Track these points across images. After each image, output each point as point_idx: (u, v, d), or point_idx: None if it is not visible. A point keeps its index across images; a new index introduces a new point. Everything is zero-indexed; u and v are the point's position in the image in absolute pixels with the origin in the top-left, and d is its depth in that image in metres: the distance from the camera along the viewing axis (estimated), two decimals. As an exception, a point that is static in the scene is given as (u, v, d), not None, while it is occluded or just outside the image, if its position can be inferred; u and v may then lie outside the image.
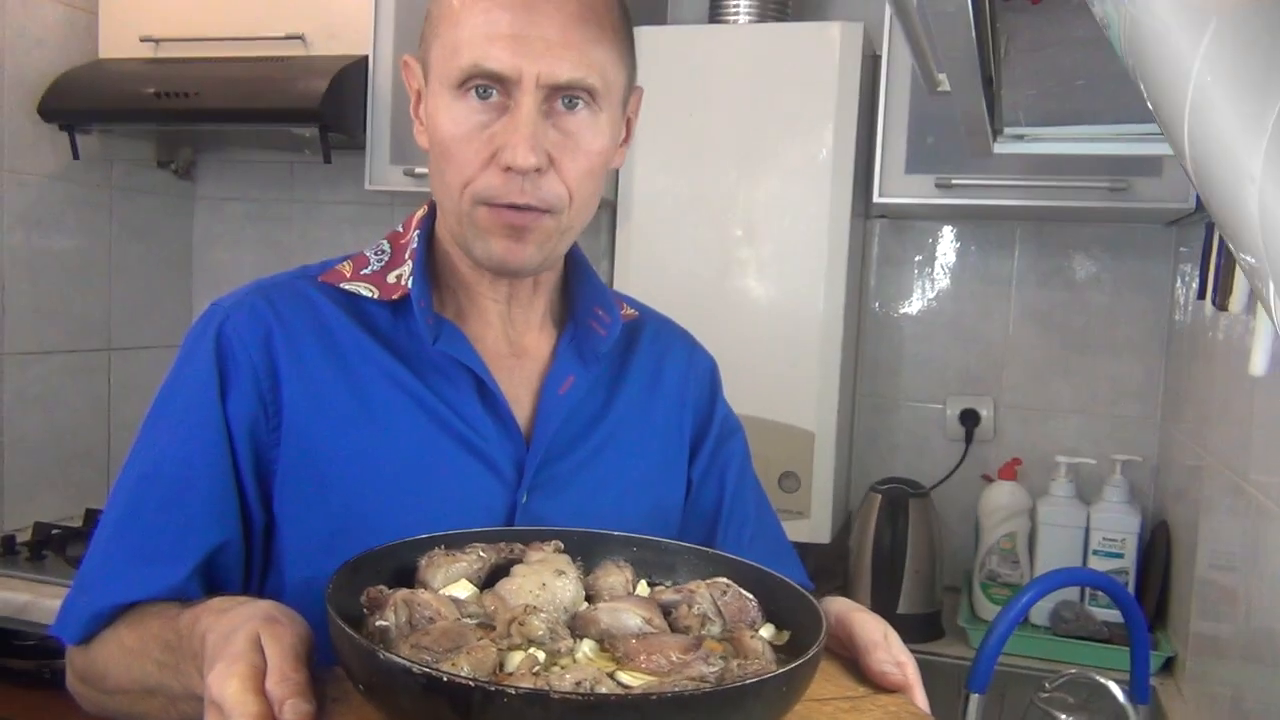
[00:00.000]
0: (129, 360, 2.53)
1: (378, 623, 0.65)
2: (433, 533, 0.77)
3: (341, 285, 0.96)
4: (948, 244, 2.21)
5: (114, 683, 0.88)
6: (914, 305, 2.23)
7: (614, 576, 0.76)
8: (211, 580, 0.90)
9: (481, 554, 0.74)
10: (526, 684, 0.56)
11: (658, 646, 0.64)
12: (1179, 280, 2.02)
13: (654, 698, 0.55)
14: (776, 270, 1.90)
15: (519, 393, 0.98)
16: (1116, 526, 1.89)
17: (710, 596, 0.73)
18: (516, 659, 0.62)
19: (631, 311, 1.09)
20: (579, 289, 1.04)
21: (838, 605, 0.89)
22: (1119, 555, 1.89)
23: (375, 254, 0.99)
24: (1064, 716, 1.23)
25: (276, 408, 0.91)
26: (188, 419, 0.91)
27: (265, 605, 0.69)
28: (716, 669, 0.62)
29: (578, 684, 0.56)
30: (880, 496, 1.94)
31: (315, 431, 0.91)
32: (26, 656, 1.94)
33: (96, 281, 2.43)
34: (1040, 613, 1.88)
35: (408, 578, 0.73)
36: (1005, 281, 2.16)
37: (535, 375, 1.00)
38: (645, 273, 1.96)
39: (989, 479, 2.04)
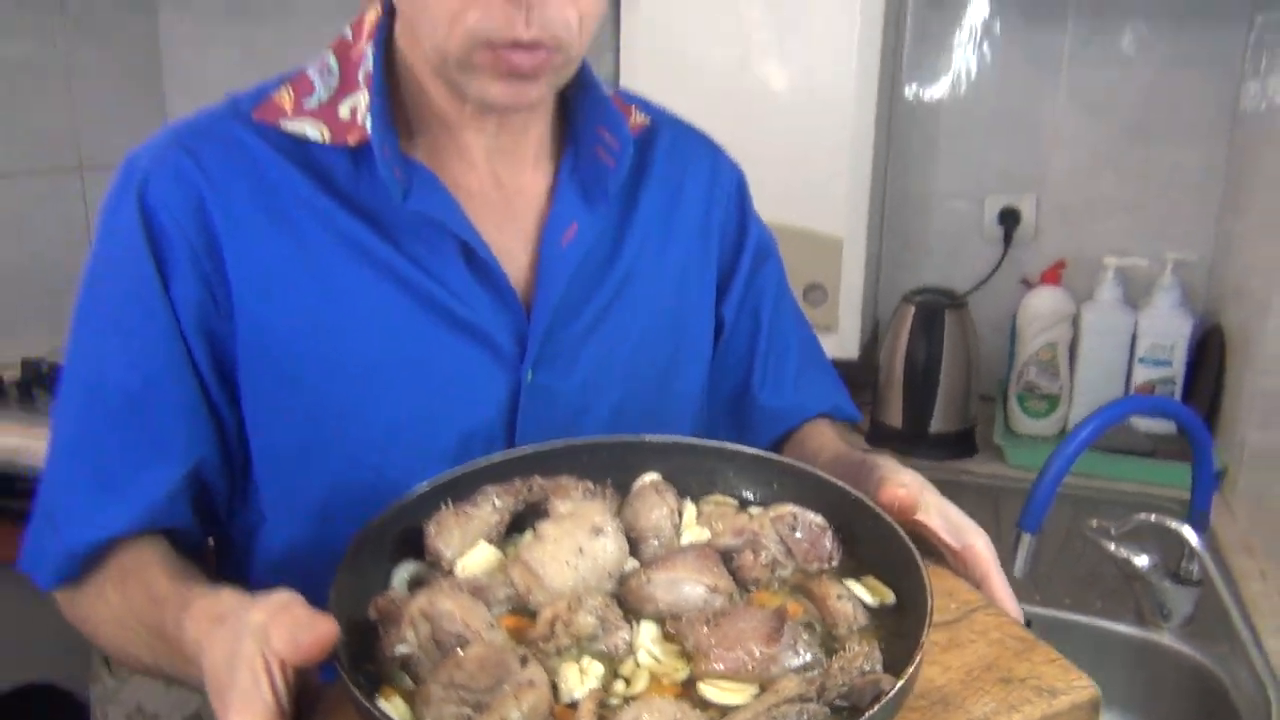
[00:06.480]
0: (105, 181, 2.35)
1: (398, 649, 0.53)
2: (431, 476, 0.65)
3: (282, 125, 0.77)
4: (991, 16, 1.96)
5: (107, 646, 0.78)
6: (951, 90, 2.01)
7: (655, 512, 0.64)
8: (196, 499, 0.79)
9: (496, 502, 0.62)
10: None
11: (734, 637, 0.52)
12: (1249, 53, 1.81)
13: None
14: (801, 55, 1.69)
15: (511, 246, 0.82)
16: (1166, 332, 1.77)
17: (776, 534, 0.62)
18: (572, 677, 0.51)
19: (642, 118, 0.91)
20: (579, 104, 0.85)
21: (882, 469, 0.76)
22: (1166, 363, 1.77)
23: (320, 74, 0.80)
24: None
25: (225, 291, 0.75)
26: (128, 315, 0.75)
27: (258, 614, 0.55)
28: (808, 661, 0.51)
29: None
30: (913, 308, 1.80)
31: (267, 318, 0.75)
32: (26, 497, 1.88)
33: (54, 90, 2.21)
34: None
35: (416, 544, 0.61)
36: (1054, 60, 1.94)
37: (531, 222, 0.83)
38: (655, 66, 1.76)
39: (1029, 284, 1.90)
